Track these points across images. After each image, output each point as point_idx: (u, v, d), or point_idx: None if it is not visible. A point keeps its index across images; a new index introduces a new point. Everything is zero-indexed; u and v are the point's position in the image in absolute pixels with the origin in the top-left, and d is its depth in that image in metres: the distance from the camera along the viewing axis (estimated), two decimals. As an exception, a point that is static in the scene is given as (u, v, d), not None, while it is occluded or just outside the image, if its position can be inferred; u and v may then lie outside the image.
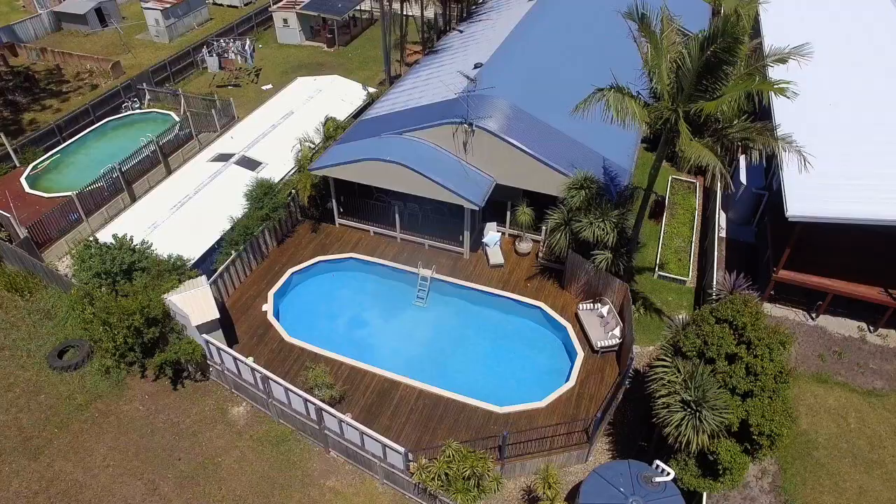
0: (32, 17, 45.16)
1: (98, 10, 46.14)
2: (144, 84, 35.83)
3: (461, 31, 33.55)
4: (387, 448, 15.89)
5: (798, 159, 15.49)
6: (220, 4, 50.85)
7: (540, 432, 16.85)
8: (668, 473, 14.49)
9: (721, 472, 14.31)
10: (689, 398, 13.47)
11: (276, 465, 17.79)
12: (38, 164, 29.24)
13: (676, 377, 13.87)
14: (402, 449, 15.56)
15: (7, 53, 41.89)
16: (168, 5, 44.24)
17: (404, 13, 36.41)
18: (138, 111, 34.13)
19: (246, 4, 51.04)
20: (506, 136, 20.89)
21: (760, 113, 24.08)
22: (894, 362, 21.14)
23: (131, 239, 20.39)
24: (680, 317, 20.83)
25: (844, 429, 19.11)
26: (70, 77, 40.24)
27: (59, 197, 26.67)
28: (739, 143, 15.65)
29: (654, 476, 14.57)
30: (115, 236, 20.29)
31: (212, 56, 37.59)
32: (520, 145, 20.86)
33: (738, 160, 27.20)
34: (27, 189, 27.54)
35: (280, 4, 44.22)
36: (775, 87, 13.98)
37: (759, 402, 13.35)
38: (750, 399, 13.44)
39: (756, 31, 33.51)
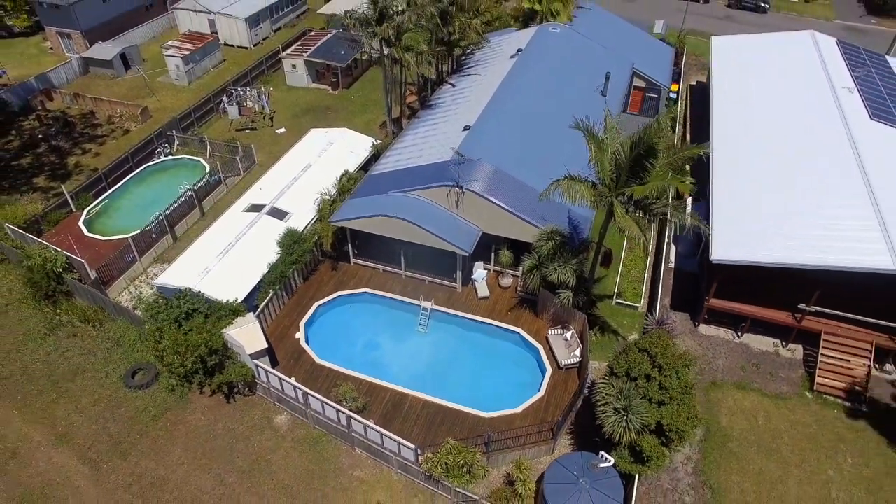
0: (64, 63, 49.85)
1: (122, 56, 50.93)
2: (174, 131, 40.78)
3: (453, 86, 38.80)
4: (401, 445, 21.15)
5: (702, 228, 20.82)
6: (231, 45, 55.72)
7: (516, 432, 22.17)
8: (609, 461, 19.84)
9: (646, 459, 19.65)
10: (619, 406, 18.82)
11: (314, 460, 22.97)
12: (91, 208, 34.17)
13: (611, 391, 19.20)
14: (412, 446, 20.83)
15: (45, 98, 46.70)
16: (187, 52, 49.12)
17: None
18: (170, 157, 39.07)
19: (255, 45, 56.03)
20: (489, 196, 26.19)
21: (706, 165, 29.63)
22: (798, 371, 26.66)
23: (188, 290, 25.26)
24: (630, 337, 26.33)
25: (754, 425, 24.56)
26: (103, 121, 45.04)
27: (114, 240, 31.70)
28: (662, 216, 20.95)
29: (599, 463, 19.91)
30: (179, 291, 25.11)
31: (232, 105, 42.60)
32: (500, 203, 26.17)
33: (686, 204, 32.73)
34: (86, 232, 32.49)
35: (289, 51, 49.25)
36: (681, 182, 19.30)
37: (669, 409, 18.69)
38: (663, 406, 18.77)
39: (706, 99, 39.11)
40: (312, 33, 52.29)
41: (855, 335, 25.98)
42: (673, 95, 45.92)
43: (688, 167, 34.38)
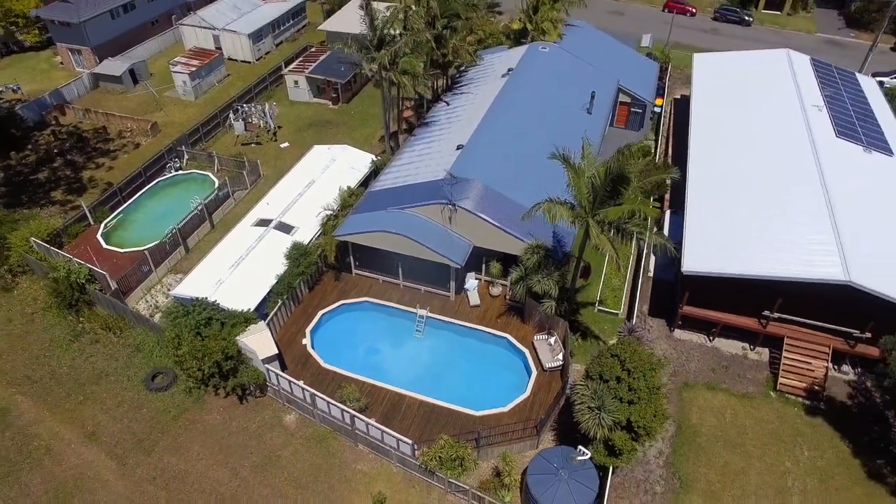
0: (76, 79, 52.09)
1: (131, 71, 53.16)
2: (183, 146, 43.04)
3: (447, 104, 41.13)
4: (399, 441, 23.48)
5: (669, 247, 23.18)
6: (235, 60, 57.96)
7: (504, 429, 24.51)
8: (586, 454, 22.20)
9: (619, 452, 22.01)
10: (593, 405, 21.19)
11: (321, 455, 25.30)
12: (108, 221, 36.40)
13: (587, 392, 21.57)
14: (410, 441, 23.17)
15: (58, 114, 48.93)
16: (193, 68, 51.36)
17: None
18: (181, 172, 41.31)
19: (258, 60, 58.30)
20: (479, 213, 28.55)
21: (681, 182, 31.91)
22: (764, 373, 29.06)
23: (205, 299, 27.63)
24: (610, 342, 28.70)
25: (722, 422, 26.95)
26: (114, 135, 47.29)
27: (131, 252, 33.93)
28: (634, 234, 23.28)
29: (577, 456, 22.27)
30: (195, 300, 27.46)
31: (238, 121, 44.88)
32: (490, 219, 28.52)
33: (664, 219, 35.13)
34: (104, 245, 34.71)
35: (291, 68, 51.51)
36: (647, 207, 21.65)
37: (638, 408, 21.05)
38: (632, 405, 21.13)
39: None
40: (313, 49, 54.58)
41: (815, 339, 28.37)
42: (657, 109, 48.39)
43: (668, 182, 36.92)
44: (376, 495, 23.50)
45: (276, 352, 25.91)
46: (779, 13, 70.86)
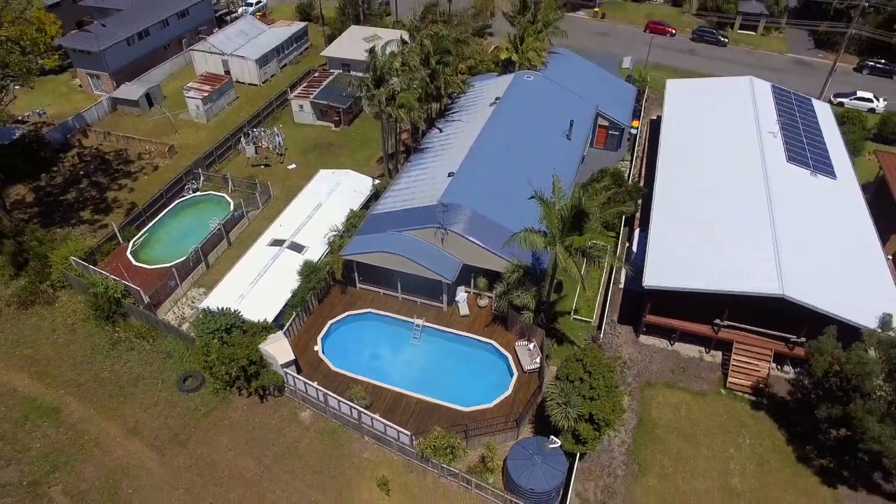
0: (96, 103, 56.12)
1: (147, 95, 57.28)
2: (199, 169, 47.14)
3: (440, 130, 45.36)
4: (399, 433, 27.70)
5: (627, 269, 27.44)
6: (242, 83, 62.08)
7: (489, 422, 28.76)
8: (556, 442, 26.46)
9: (584, 441, 26.28)
10: (561, 401, 25.45)
11: (332, 445, 29.49)
12: (135, 240, 40.48)
13: (556, 390, 25.84)
14: (408, 433, 27.39)
15: (81, 136, 52.96)
16: (206, 93, 55.45)
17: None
18: (198, 193, 45.40)
19: (264, 82, 62.43)
20: (468, 236, 32.79)
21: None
22: (717, 373, 33.36)
23: (228, 308, 31.83)
24: (582, 345, 32.94)
25: (677, 416, 31.23)
26: (134, 157, 51.36)
27: (158, 268, 38.01)
28: (597, 258, 27.55)
29: (549, 444, 26.54)
30: (219, 308, 31.69)
31: (249, 145, 49.03)
32: (477, 241, 32.76)
33: (634, 236, 39.43)
34: (133, 262, 38.80)
35: (296, 93, 55.66)
36: (605, 236, 25.94)
37: (598, 403, 25.31)
38: (593, 401, 25.39)
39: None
40: (317, 74, 58.74)
41: (759, 343, 32.67)
42: (634, 131, 52.69)
43: (639, 202, 41.28)
44: (380, 479, 27.72)
45: (293, 357, 30.11)
46: (753, 33, 75.29)
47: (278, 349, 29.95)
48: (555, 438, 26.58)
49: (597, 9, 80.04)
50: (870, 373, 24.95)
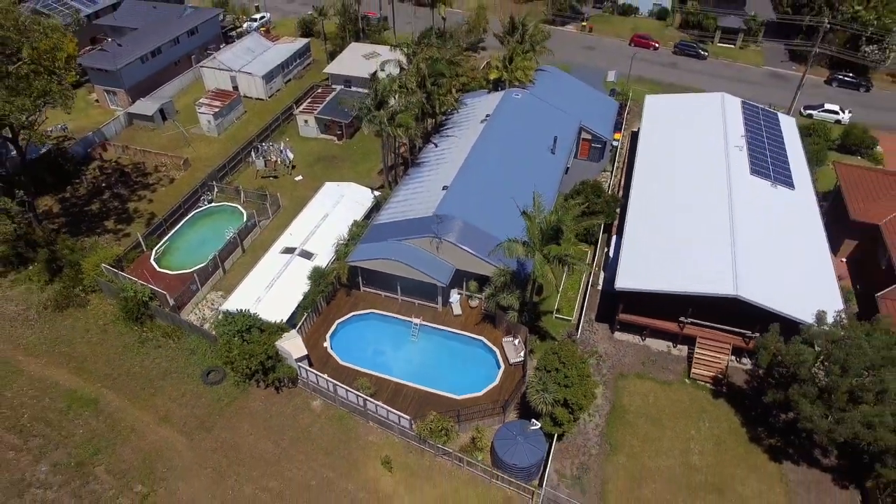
0: (114, 118, 60.03)
1: (161, 110, 61.19)
2: (213, 181, 51.05)
3: (436, 145, 49.37)
4: (400, 417, 31.70)
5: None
6: (250, 97, 66.03)
7: (478, 408, 32.76)
8: (536, 424, 30.49)
9: (560, 423, 30.29)
10: (539, 388, 29.48)
11: (341, 430, 33.46)
12: (158, 248, 44.40)
13: (536, 379, 29.86)
14: (408, 417, 31.40)
15: (101, 150, 56.83)
16: (216, 109, 59.39)
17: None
18: (213, 204, 49.32)
19: (270, 97, 66.37)
20: (460, 244, 36.81)
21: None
22: (682, 365, 37.39)
23: (247, 310, 35.77)
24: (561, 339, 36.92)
25: (646, 403, 35.26)
26: (151, 170, 55.25)
27: (180, 274, 41.92)
28: (571, 265, 31.56)
29: (530, 426, 30.56)
30: (238, 311, 35.63)
31: (259, 158, 52.99)
32: (468, 249, 36.77)
33: (612, 240, 43.47)
34: (157, 269, 42.70)
35: (301, 108, 59.65)
36: (577, 247, 29.98)
37: (571, 390, 29.32)
38: (567, 388, 29.41)
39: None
40: (320, 90, 62.73)
41: (719, 338, 36.71)
42: (616, 143, 56.75)
43: (617, 210, 45.32)
44: (384, 458, 31.69)
45: (306, 353, 34.06)
46: (732, 46, 79.44)
47: (293, 346, 33.92)
48: (535, 421, 30.60)
49: (584, 23, 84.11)
50: (804, 362, 28.97)
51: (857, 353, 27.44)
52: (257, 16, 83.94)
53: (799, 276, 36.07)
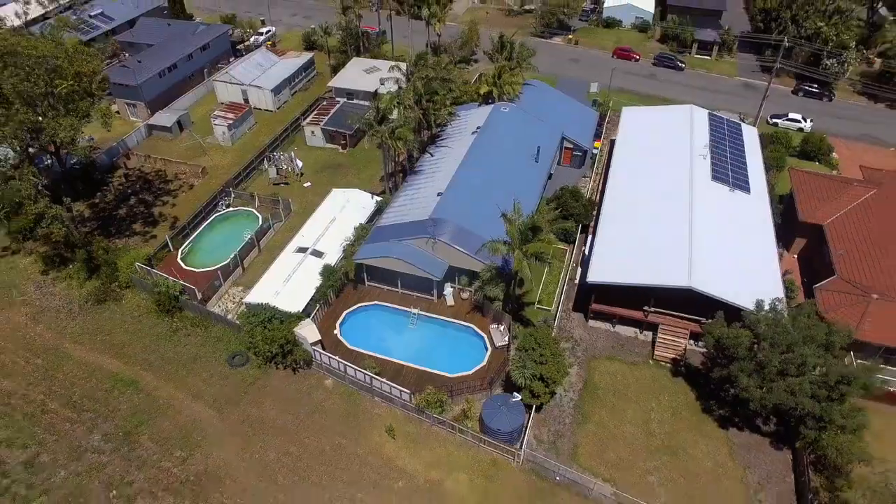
0: (136, 130, 65.24)
1: (178, 121, 66.41)
2: (230, 188, 56.29)
3: (431, 155, 54.74)
4: (401, 392, 37.06)
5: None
6: (259, 109, 71.22)
7: (468, 384, 38.16)
8: (517, 397, 35.89)
9: (538, 396, 35.69)
10: (519, 365, 34.89)
11: (351, 405, 38.80)
12: (183, 248, 49.66)
13: (516, 357, 35.27)
14: (409, 391, 36.78)
15: (125, 159, 62.02)
16: (230, 120, 64.63)
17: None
18: (230, 209, 54.58)
19: (278, 109, 71.62)
20: (453, 244, 42.20)
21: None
22: (647, 349, 42.80)
23: (267, 303, 41.11)
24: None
25: (614, 380, 40.65)
26: (171, 177, 60.44)
27: (205, 271, 47.18)
28: (547, 262, 36.91)
29: (512, 398, 35.96)
30: (259, 304, 40.97)
31: (271, 167, 58.28)
32: (460, 248, 42.15)
33: (588, 239, 48.90)
34: (184, 266, 47.97)
35: (308, 119, 64.95)
36: (549, 245, 35.38)
37: (546, 367, 34.71)
38: (543, 365, 34.79)
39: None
40: (325, 103, 68.02)
41: (679, 324, 42.13)
42: (595, 151, 62.16)
43: (594, 212, 50.74)
44: (388, 427, 37.06)
45: (319, 338, 39.43)
46: (708, 58, 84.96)
47: (308, 331, 39.28)
48: (517, 394, 36.00)
49: (571, 36, 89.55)
50: (741, 343, 34.40)
51: (782, 332, 32.90)
52: (263, 30, 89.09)
53: (746, 270, 41.50)
